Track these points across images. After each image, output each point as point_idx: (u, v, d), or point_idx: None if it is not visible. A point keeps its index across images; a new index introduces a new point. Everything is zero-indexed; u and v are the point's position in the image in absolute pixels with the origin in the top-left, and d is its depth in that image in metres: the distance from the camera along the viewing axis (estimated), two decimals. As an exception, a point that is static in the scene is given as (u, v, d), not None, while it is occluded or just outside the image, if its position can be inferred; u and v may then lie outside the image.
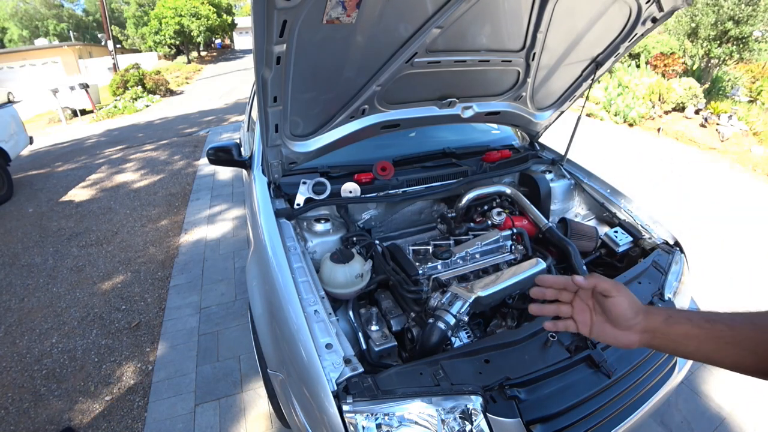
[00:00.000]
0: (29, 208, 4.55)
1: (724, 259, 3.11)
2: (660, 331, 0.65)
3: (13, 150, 5.09)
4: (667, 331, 0.64)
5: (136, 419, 1.94)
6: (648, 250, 1.64)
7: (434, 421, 0.95)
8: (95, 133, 9.10)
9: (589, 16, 1.56)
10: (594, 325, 0.71)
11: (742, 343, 0.57)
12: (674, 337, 0.64)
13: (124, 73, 13.59)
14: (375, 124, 1.72)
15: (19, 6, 32.50)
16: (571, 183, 2.13)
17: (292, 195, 1.70)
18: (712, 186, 4.49)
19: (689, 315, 0.64)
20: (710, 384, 2.02)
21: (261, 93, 1.25)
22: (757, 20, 6.98)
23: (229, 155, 2.06)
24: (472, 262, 1.62)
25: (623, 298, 0.67)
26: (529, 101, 2.01)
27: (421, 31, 1.31)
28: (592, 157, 4.87)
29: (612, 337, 0.69)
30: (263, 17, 0.99)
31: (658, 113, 6.88)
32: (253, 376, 2.09)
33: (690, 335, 0.62)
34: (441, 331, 1.19)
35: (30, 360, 2.35)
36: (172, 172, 5.40)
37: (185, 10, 21.68)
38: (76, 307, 2.77)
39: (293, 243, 1.44)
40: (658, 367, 1.28)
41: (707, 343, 0.60)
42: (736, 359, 0.58)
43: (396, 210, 1.96)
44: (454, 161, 2.05)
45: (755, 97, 7.76)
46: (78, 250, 3.52)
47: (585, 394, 1.10)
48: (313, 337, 1.09)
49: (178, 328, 2.48)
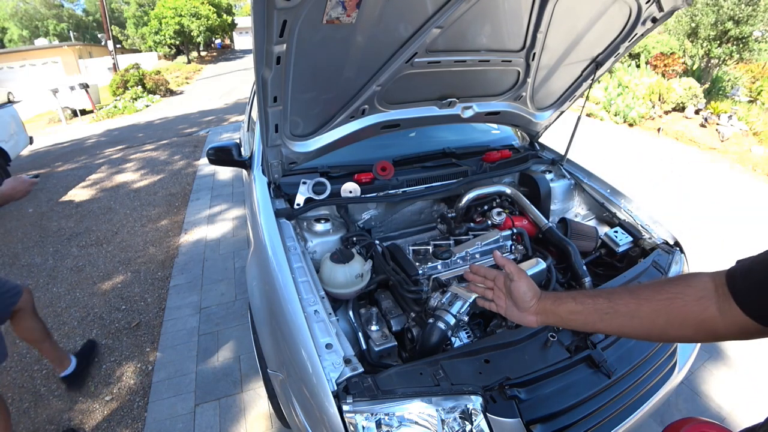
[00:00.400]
0: (29, 208, 4.55)
1: (724, 259, 3.11)
2: (550, 311, 0.78)
3: (13, 150, 5.10)
4: (555, 311, 0.77)
5: (136, 419, 1.94)
6: (648, 250, 1.64)
7: (434, 421, 0.95)
8: (95, 133, 9.10)
9: (589, 16, 1.56)
10: (507, 308, 0.86)
11: (620, 311, 0.68)
12: (563, 314, 0.76)
13: (124, 73, 13.60)
14: (375, 124, 1.72)
15: (19, 6, 32.50)
16: (571, 183, 2.13)
17: (292, 195, 1.70)
18: (712, 186, 4.49)
19: (574, 295, 0.76)
20: (710, 384, 2.02)
21: (261, 93, 1.25)
22: (757, 20, 6.98)
23: (229, 155, 2.06)
24: (472, 262, 1.62)
25: (522, 283, 0.82)
26: (529, 101, 2.01)
27: (421, 31, 1.31)
28: (592, 157, 4.87)
29: (518, 317, 0.84)
30: (263, 17, 0.99)
31: (658, 113, 6.88)
32: (253, 376, 2.09)
33: (575, 311, 0.74)
34: (441, 331, 1.19)
35: (30, 360, 2.35)
36: (172, 172, 5.40)
37: (185, 10, 21.69)
38: (76, 307, 2.77)
39: (293, 243, 1.44)
40: (658, 367, 1.28)
41: (591, 315, 0.71)
42: (619, 324, 0.69)
43: (396, 210, 1.96)
44: (454, 161, 2.05)
45: (755, 97, 7.76)
46: (78, 250, 3.52)
47: (585, 394, 1.10)
48: (313, 337, 1.09)
49: (178, 328, 2.48)
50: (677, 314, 0.63)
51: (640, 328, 0.67)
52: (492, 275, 0.90)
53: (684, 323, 0.63)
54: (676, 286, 0.65)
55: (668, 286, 0.65)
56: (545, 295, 0.81)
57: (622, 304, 0.68)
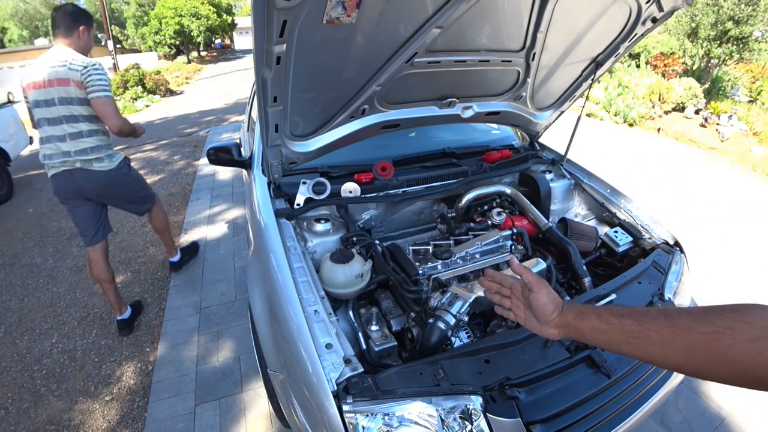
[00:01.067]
0: (29, 208, 4.55)
1: (724, 259, 3.11)
2: (573, 326, 0.72)
3: (13, 150, 5.09)
4: (578, 326, 0.71)
5: (136, 419, 1.94)
6: (648, 250, 1.64)
7: (434, 421, 0.95)
8: (95, 133, 9.08)
9: (589, 16, 1.55)
10: (526, 318, 0.80)
11: (650, 337, 0.60)
12: (586, 331, 0.70)
13: (124, 73, 13.59)
14: (375, 124, 1.72)
15: (19, 6, 32.49)
16: (571, 183, 2.13)
17: (292, 195, 1.70)
18: (712, 186, 4.49)
19: (600, 311, 0.69)
20: (710, 384, 2.02)
21: (261, 93, 1.25)
22: (757, 20, 6.98)
23: (229, 155, 2.06)
24: (472, 262, 1.62)
25: (542, 295, 0.76)
26: (529, 101, 2.01)
27: (421, 31, 1.31)
28: (593, 157, 4.87)
29: (538, 329, 0.78)
30: (263, 17, 0.99)
31: (658, 113, 6.88)
32: (253, 376, 2.09)
33: (599, 329, 0.67)
34: (441, 331, 1.19)
35: (30, 360, 2.35)
36: (172, 172, 5.40)
37: (185, 10, 21.68)
38: (76, 307, 2.78)
39: (293, 243, 1.44)
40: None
41: (616, 336, 0.64)
42: (647, 352, 0.61)
43: (396, 210, 1.96)
44: (454, 161, 2.05)
45: (755, 97, 7.76)
46: (78, 250, 3.52)
47: (585, 394, 1.10)
48: (313, 337, 1.09)
49: (178, 328, 2.48)
50: (722, 353, 0.52)
51: (673, 360, 0.58)
52: (509, 283, 0.85)
53: (728, 364, 0.52)
54: (726, 318, 0.54)
55: (715, 317, 0.55)
56: (568, 308, 0.75)
57: (654, 330, 0.59)
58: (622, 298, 1.34)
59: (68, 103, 2.00)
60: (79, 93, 2.00)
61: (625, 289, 1.37)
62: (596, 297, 1.33)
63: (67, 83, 1.97)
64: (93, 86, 1.99)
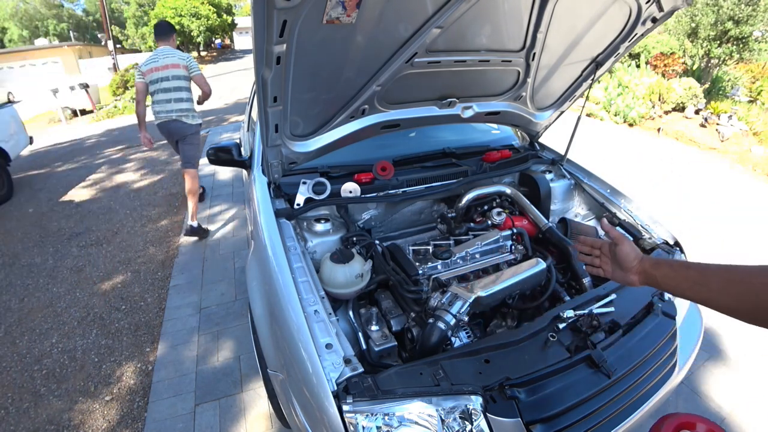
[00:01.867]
0: (29, 208, 4.55)
1: (724, 259, 3.11)
2: (649, 273, 0.85)
3: (13, 150, 5.09)
4: (653, 273, 0.84)
5: (136, 419, 1.94)
6: (648, 250, 1.64)
7: (434, 421, 0.95)
8: (95, 133, 9.10)
9: (589, 16, 1.56)
10: (613, 271, 0.95)
11: (709, 284, 0.72)
12: (659, 277, 0.83)
13: (124, 73, 13.60)
14: (375, 124, 1.72)
15: (19, 6, 32.51)
16: (571, 183, 2.13)
17: (292, 195, 1.70)
18: (712, 186, 4.49)
19: (671, 262, 0.83)
20: (710, 384, 2.02)
21: (261, 93, 1.25)
22: (757, 20, 6.98)
23: (229, 155, 2.06)
24: (472, 262, 1.62)
25: (625, 246, 0.91)
26: (529, 101, 2.01)
27: (421, 31, 1.31)
28: (593, 157, 4.87)
29: (621, 277, 0.92)
30: (263, 17, 0.99)
31: (658, 113, 6.88)
32: (253, 376, 2.09)
33: (669, 276, 0.80)
34: (441, 331, 1.19)
35: (30, 360, 2.35)
36: (172, 172, 5.40)
37: (185, 10, 21.70)
38: (76, 307, 2.78)
39: (293, 243, 1.44)
40: (658, 367, 1.28)
41: (682, 282, 0.77)
42: (706, 296, 0.73)
43: (396, 210, 1.96)
44: (454, 161, 2.05)
45: (755, 97, 7.76)
46: (78, 250, 3.52)
47: (585, 394, 1.10)
48: (313, 337, 1.09)
49: (178, 328, 2.48)
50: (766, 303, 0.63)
51: (726, 305, 0.69)
52: (598, 244, 1.01)
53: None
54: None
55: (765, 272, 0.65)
56: (645, 258, 0.89)
57: (714, 280, 0.71)
58: (622, 298, 1.35)
59: (177, 78, 3.12)
60: (184, 72, 3.15)
61: (625, 289, 1.37)
62: (596, 297, 1.33)
63: (177, 66, 3.11)
64: (193, 68, 3.20)
